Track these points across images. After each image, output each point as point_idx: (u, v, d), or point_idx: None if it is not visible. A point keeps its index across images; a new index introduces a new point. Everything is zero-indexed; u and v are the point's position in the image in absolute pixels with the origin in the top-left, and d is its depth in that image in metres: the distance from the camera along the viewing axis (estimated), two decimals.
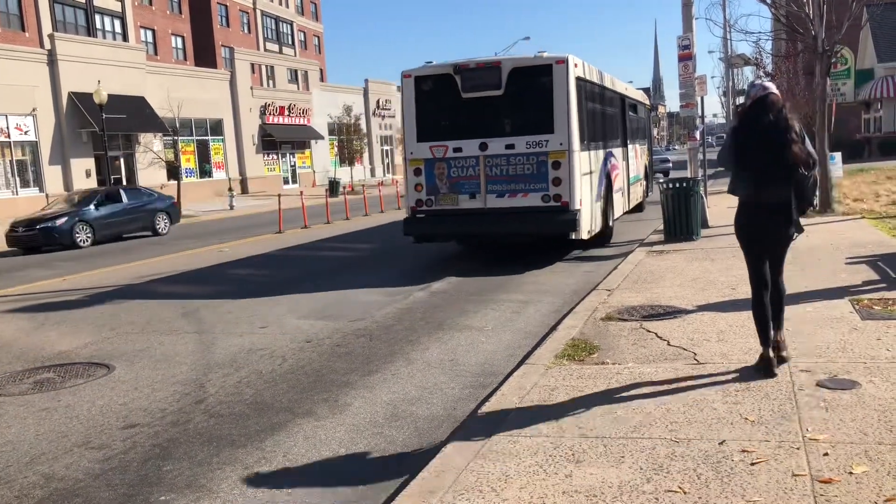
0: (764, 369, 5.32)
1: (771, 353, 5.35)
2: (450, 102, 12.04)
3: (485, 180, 11.81)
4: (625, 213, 16.88)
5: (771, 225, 5.33)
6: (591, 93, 13.22)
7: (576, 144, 11.66)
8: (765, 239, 5.41)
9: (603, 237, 13.63)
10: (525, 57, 12.13)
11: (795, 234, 5.40)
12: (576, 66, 11.91)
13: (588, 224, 12.24)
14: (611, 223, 14.14)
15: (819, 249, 10.65)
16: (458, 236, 13.15)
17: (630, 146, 17.43)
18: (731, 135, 5.53)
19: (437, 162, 12.00)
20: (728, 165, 5.49)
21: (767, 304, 5.42)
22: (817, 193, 5.50)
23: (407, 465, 4.58)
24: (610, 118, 15.24)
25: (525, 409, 5.03)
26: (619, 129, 16.32)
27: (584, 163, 12.21)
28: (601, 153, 13.77)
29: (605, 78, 14.75)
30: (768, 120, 5.18)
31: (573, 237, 11.82)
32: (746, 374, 5.36)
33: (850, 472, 3.74)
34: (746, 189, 5.36)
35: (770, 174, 5.23)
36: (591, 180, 12.70)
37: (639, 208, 19.22)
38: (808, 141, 5.28)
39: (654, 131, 47.03)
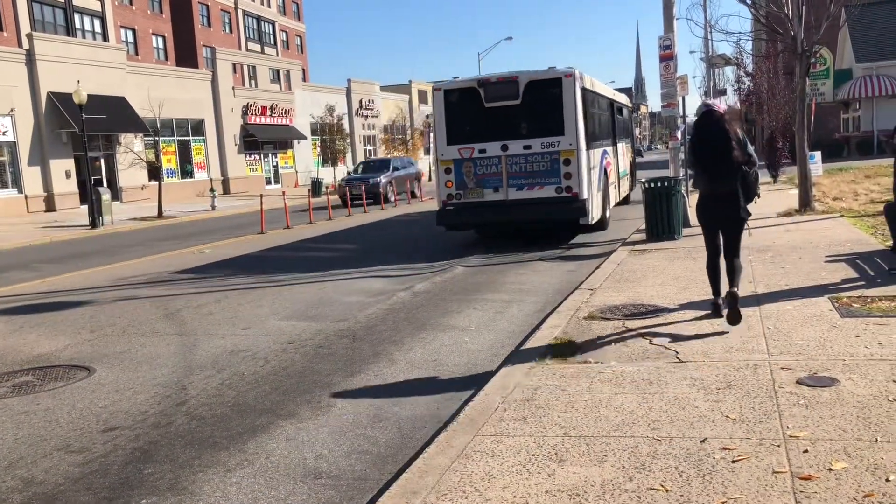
0: (714, 312, 7.03)
1: (720, 301, 6.97)
2: (474, 111, 13.96)
3: (506, 176, 13.84)
4: (616, 205, 18.46)
5: (722, 210, 6.88)
6: (591, 100, 15.13)
7: (582, 144, 13.71)
8: (718, 221, 6.99)
9: (602, 223, 15.46)
10: (539, 71, 13.98)
11: (746, 218, 6.88)
12: (580, 78, 13.94)
13: (593, 211, 14.23)
14: (607, 212, 16.09)
15: (799, 248, 10.74)
16: (484, 224, 14.95)
17: (619, 144, 19.35)
18: (689, 144, 7.37)
19: (465, 162, 13.99)
20: (690, 167, 7.27)
21: (718, 266, 7.08)
22: (759, 188, 7.16)
23: (391, 465, 4.57)
24: (604, 121, 17.18)
25: (508, 409, 5.04)
26: (611, 129, 18.23)
27: (589, 160, 14.17)
28: (599, 151, 15.71)
29: (599, 86, 16.62)
30: (712, 131, 6.77)
31: (582, 222, 14.00)
32: (728, 373, 5.40)
33: (830, 469, 3.78)
34: (703, 184, 7.02)
35: (719, 172, 6.77)
36: (594, 174, 14.59)
37: (626, 200, 20.89)
38: (749, 146, 6.79)
39: (637, 131, 50.03)
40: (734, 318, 6.47)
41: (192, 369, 7.00)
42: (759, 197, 7.11)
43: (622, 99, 22.03)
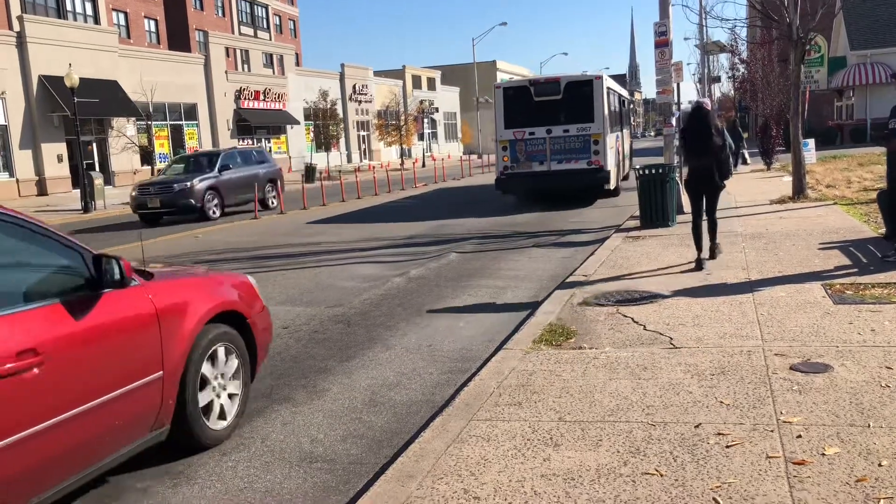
0: (697, 266, 8.75)
1: (702, 256, 8.91)
2: (526, 103, 18.42)
3: (549, 153, 18.36)
4: (621, 180, 21.95)
5: (703, 180, 9.05)
6: (611, 96, 19.85)
7: (607, 129, 18.43)
8: (701, 188, 9.15)
9: (616, 191, 19.80)
10: (576, 75, 19.31)
11: (721, 186, 9.10)
12: (605, 79, 18.96)
13: (612, 180, 18.73)
14: (618, 183, 20.54)
15: (793, 235, 10.78)
16: (532, 189, 19.12)
17: (624, 130, 24.38)
18: (680, 131, 10.18)
19: (518, 142, 18.49)
20: (681, 150, 10.18)
21: (701, 227, 9.03)
22: (731, 166, 9.46)
23: (386, 449, 4.59)
24: (617, 112, 21.64)
25: (503, 394, 5.05)
26: (620, 119, 22.68)
27: (610, 141, 18.73)
28: (615, 135, 20.28)
29: (615, 85, 21.56)
30: (699, 122, 9.01)
31: (605, 188, 18.49)
32: (722, 359, 5.43)
33: (823, 454, 3.81)
34: (690, 162, 9.26)
35: (701, 152, 8.96)
36: (612, 152, 19.10)
37: (626, 177, 23.93)
38: (726, 134, 9.17)
39: (632, 118, 52.32)
40: (713, 256, 9.15)
41: None
42: (731, 174, 9.32)
43: (625, 93, 26.51)
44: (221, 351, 4.79)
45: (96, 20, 40.75)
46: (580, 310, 7.30)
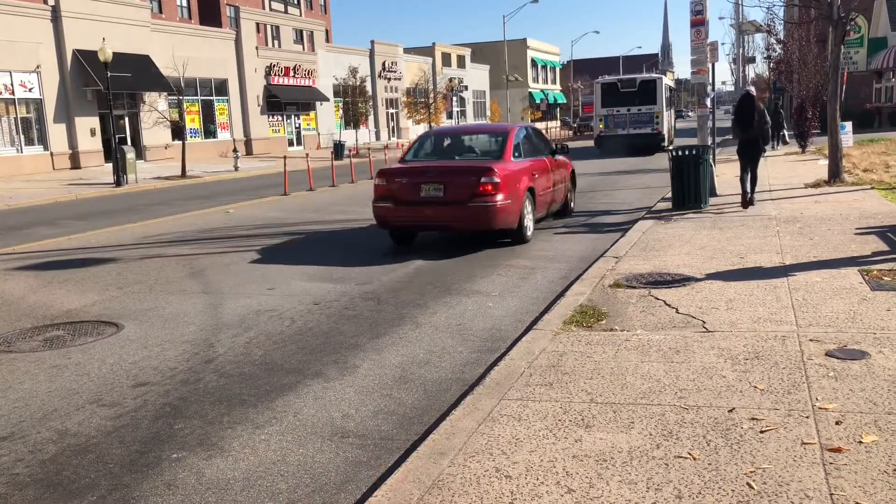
0: (744, 205, 12.45)
1: (747, 199, 12.47)
2: (614, 92, 31.39)
3: (628, 122, 31.06)
4: (671, 140, 32.99)
5: (749, 147, 12.58)
6: (665, 88, 32.07)
7: (663, 109, 31.10)
8: (747, 153, 12.61)
9: (670, 146, 27.39)
10: (647, 75, 33.48)
11: (762, 152, 13.11)
12: (663, 78, 31.89)
13: (666, 140, 30.85)
14: (670, 142, 32.06)
15: (829, 220, 10.60)
16: (618, 145, 30.51)
17: (671, 110, 37.19)
18: (733, 113, 13.34)
19: (609, 116, 31.36)
20: (733, 125, 13.23)
21: (747, 179, 12.49)
22: (770, 137, 14.35)
23: (417, 426, 4.61)
24: (668, 97, 33.52)
25: (534, 374, 5.05)
26: (671, 102, 35.23)
27: (665, 116, 31.29)
28: (668, 113, 32.81)
29: (668, 81, 33.70)
30: (748, 106, 12.57)
31: (662, 146, 29.58)
32: (756, 343, 5.38)
33: (860, 442, 3.76)
34: (739, 135, 12.80)
35: (747, 128, 12.53)
36: (666, 124, 31.45)
37: (671, 142, 32.24)
38: (765, 114, 12.86)
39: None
40: (747, 205, 12.46)
41: (219, 327, 7.08)
42: (769, 142, 14.02)
43: (673, 85, 40.72)
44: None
45: None
46: (611, 291, 7.26)
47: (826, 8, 14.89)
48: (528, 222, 10.99)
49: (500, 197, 10.13)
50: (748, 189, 12.43)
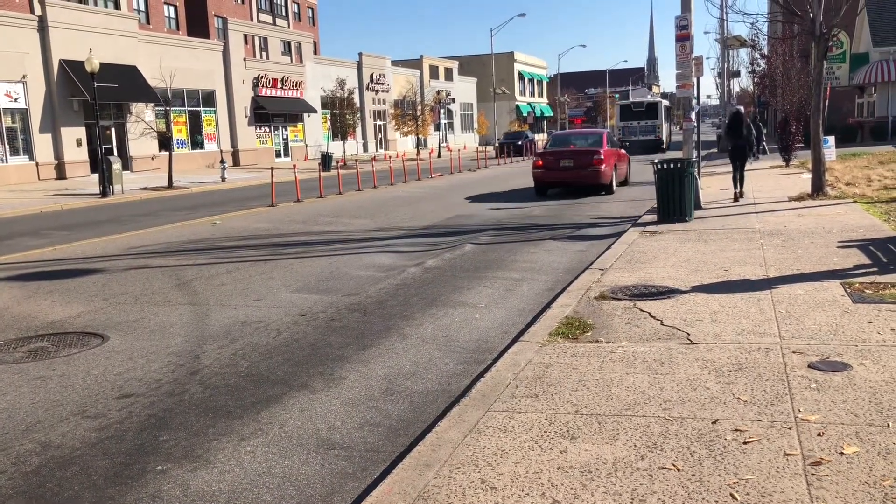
0: (735, 199, 15.45)
1: (737, 193, 15.67)
2: (629, 110, 48.45)
3: (638, 131, 46.71)
4: (668, 145, 46.12)
5: (738, 151, 16.07)
6: (664, 108, 48.65)
7: (663, 122, 47.73)
8: (737, 155, 16.04)
9: (667, 149, 43.98)
10: (653, 98, 53.91)
11: (748, 156, 16.65)
12: (663, 102, 49.71)
13: (665, 146, 46.52)
14: (667, 145, 47.11)
15: (812, 233, 10.71)
16: (632, 145, 41.43)
17: (668, 123, 50.24)
18: (724, 127, 21.60)
19: (626, 127, 47.38)
20: (724, 135, 20.05)
21: (737, 178, 15.89)
22: (760, 145, 18.88)
23: (403, 438, 4.62)
24: (665, 114, 48.73)
25: (520, 386, 5.07)
26: (668, 117, 50.40)
27: (664, 128, 47.78)
28: (666, 125, 49.02)
29: (666, 102, 51.01)
30: (737, 122, 16.53)
31: (662, 149, 45.21)
32: (740, 355, 5.42)
33: (841, 453, 3.80)
34: (730, 142, 16.43)
35: (737, 137, 16.19)
36: (665, 133, 48.00)
37: (668, 148, 43.83)
38: (751, 126, 17.61)
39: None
40: (737, 199, 15.39)
41: (204, 339, 7.06)
42: (754, 147, 18.72)
43: (667, 103, 52.04)
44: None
45: (116, 5, 40.94)
46: (597, 303, 7.30)
47: (809, 23, 15.09)
48: (614, 183, 20.29)
49: (603, 167, 19.39)
50: (738, 186, 15.88)
